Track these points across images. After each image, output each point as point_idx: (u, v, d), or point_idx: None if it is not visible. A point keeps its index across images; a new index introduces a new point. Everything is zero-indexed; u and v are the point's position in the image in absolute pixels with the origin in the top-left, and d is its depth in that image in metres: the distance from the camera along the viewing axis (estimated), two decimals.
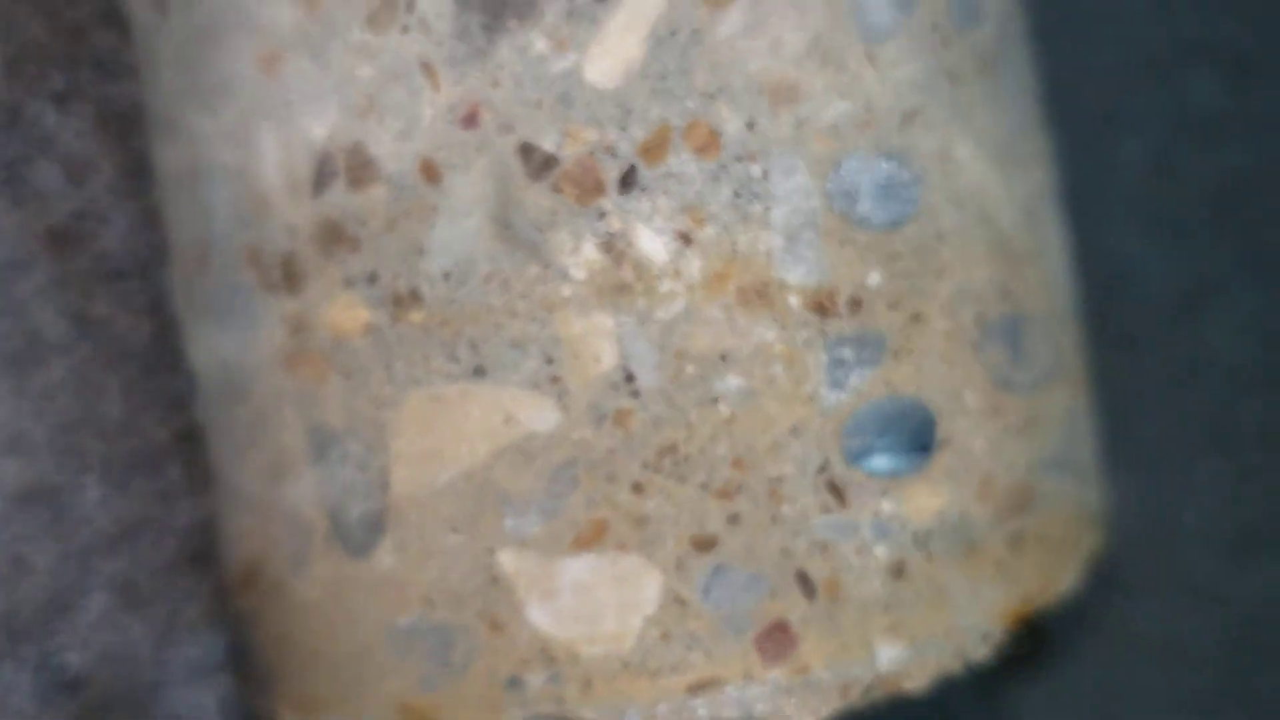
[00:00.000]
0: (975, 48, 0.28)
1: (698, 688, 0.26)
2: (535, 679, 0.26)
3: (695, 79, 0.25)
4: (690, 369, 0.25)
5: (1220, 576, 0.47)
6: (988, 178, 0.28)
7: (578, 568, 0.26)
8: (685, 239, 0.26)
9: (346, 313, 0.27)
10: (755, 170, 0.25)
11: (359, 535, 0.27)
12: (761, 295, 0.26)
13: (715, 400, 0.26)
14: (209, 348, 0.29)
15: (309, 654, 0.28)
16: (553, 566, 0.26)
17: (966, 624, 0.27)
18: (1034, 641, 0.34)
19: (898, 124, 0.26)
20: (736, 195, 0.26)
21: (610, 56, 0.25)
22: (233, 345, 0.29)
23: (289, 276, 0.27)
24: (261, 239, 0.28)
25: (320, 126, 0.26)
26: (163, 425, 0.36)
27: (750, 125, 0.25)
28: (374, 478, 0.27)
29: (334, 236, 0.27)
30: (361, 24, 0.26)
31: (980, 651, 0.27)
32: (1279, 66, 0.45)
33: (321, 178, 0.27)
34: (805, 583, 0.26)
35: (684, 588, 0.26)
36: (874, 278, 0.26)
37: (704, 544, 0.26)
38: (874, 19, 0.26)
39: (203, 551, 0.35)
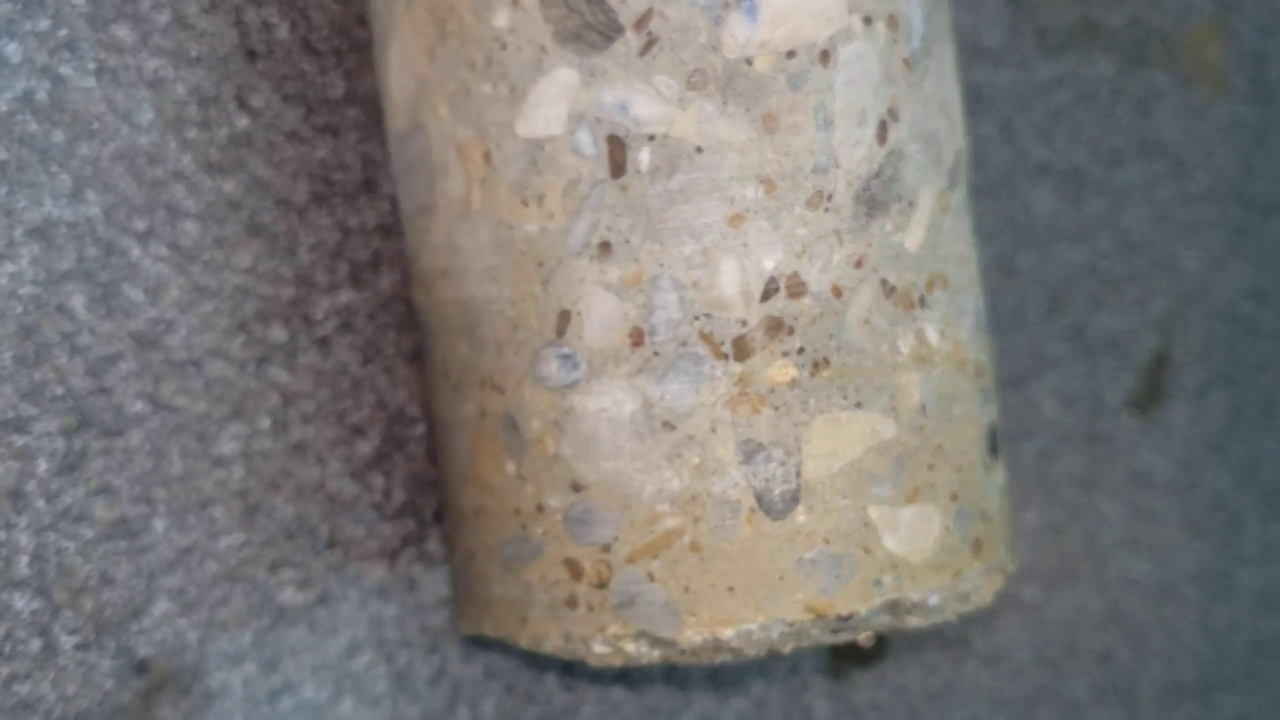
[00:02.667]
0: None
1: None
2: (887, 579, 0.45)
3: None
4: None
5: (1041, 601, 0.65)
6: None
7: (908, 514, 0.46)
8: None
9: (781, 371, 0.44)
10: None
11: (780, 505, 0.44)
12: None
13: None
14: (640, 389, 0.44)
15: (725, 589, 0.44)
16: (896, 513, 0.45)
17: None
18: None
19: None
20: None
21: (915, 228, 0.46)
22: (677, 390, 0.44)
23: (738, 350, 0.44)
24: (713, 326, 0.44)
25: (770, 261, 0.44)
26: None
27: None
28: (790, 470, 0.44)
29: (777, 326, 0.44)
30: (802, 205, 0.44)
31: None
32: (1107, 179, 0.65)
33: (768, 292, 0.44)
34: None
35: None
36: None
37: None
38: None
39: (237, 571, 0.54)
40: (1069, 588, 0.63)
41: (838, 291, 0.45)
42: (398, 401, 0.58)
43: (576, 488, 0.45)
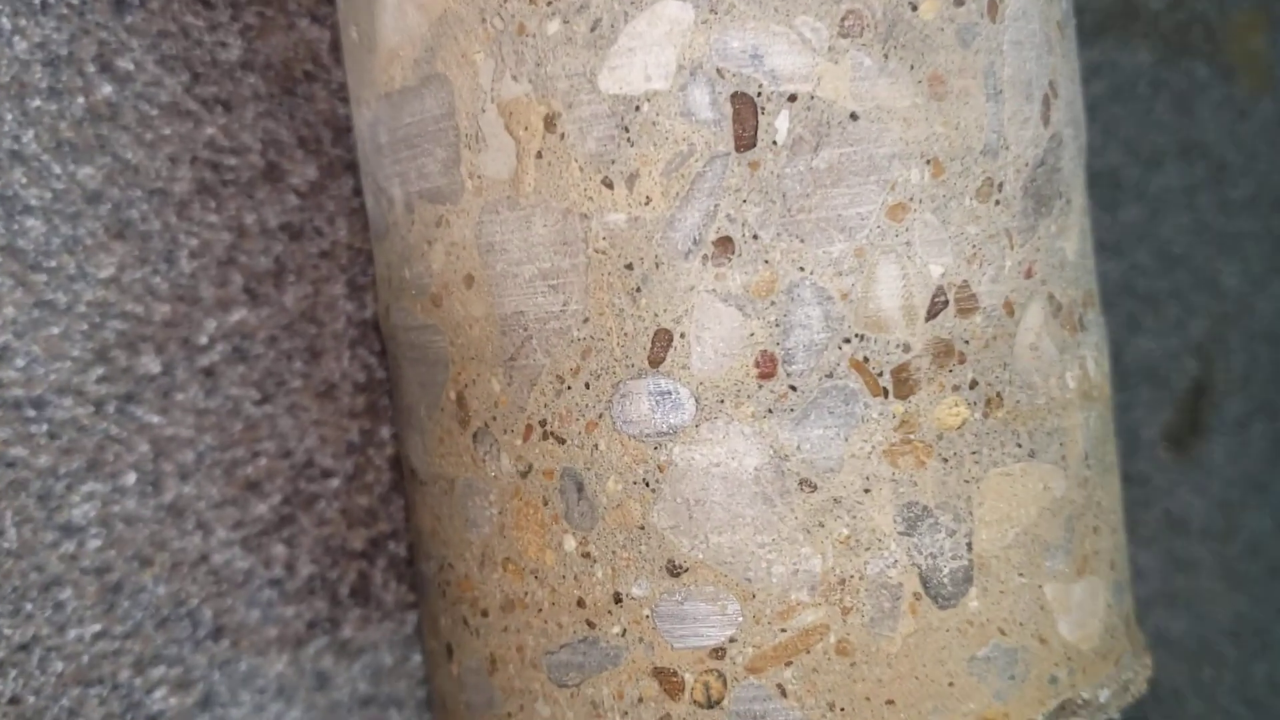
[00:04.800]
0: None
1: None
2: (1062, 674, 0.35)
3: None
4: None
5: None
6: None
7: (1079, 590, 0.36)
8: None
9: (951, 411, 0.33)
10: None
11: (949, 588, 0.33)
12: None
13: None
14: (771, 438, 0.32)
15: (882, 703, 0.33)
16: (1069, 590, 0.36)
17: None
18: None
19: None
20: None
21: (1073, 232, 0.37)
22: (820, 437, 0.32)
23: (900, 383, 0.33)
24: (869, 351, 0.33)
25: (938, 266, 0.33)
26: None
27: None
28: (961, 541, 0.34)
29: (946, 352, 0.33)
30: (972, 195, 0.34)
31: None
32: (1145, 183, 0.58)
33: (935, 307, 0.33)
34: None
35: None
36: None
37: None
38: None
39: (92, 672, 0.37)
40: None
41: (1010, 308, 0.35)
42: (305, 449, 0.45)
43: (675, 570, 0.33)
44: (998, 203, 0.35)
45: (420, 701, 0.49)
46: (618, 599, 0.34)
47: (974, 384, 0.34)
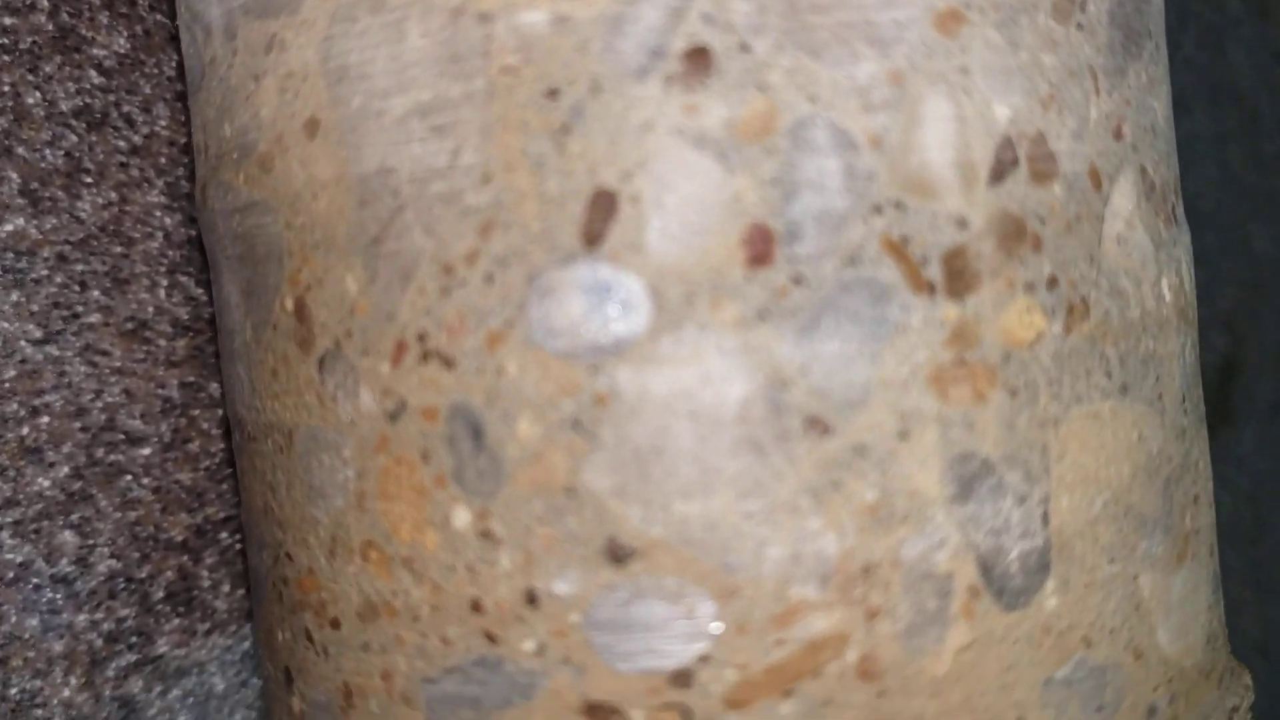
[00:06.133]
0: None
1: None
2: (1162, 702, 0.25)
3: None
4: None
5: None
6: None
7: (1180, 584, 0.26)
8: None
9: (1023, 320, 0.23)
10: None
11: (1019, 580, 0.23)
12: None
13: None
14: (773, 352, 0.21)
15: None
16: (1169, 583, 0.25)
17: None
18: None
19: None
20: None
21: (1161, 87, 0.27)
22: (836, 353, 0.22)
23: (954, 275, 0.22)
24: (909, 227, 0.22)
25: (1005, 106, 0.23)
26: None
27: None
28: (1034, 511, 0.23)
29: (1018, 232, 0.23)
30: (1048, 9, 0.23)
31: None
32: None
33: (1002, 166, 0.23)
34: None
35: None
36: None
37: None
38: None
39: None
40: None
41: (1096, 178, 0.24)
42: (104, 407, 0.33)
43: (619, 555, 0.22)
44: (1080, 26, 0.24)
45: None
46: (532, 599, 0.23)
47: (1053, 282, 0.24)
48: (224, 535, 0.38)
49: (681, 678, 0.22)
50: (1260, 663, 0.49)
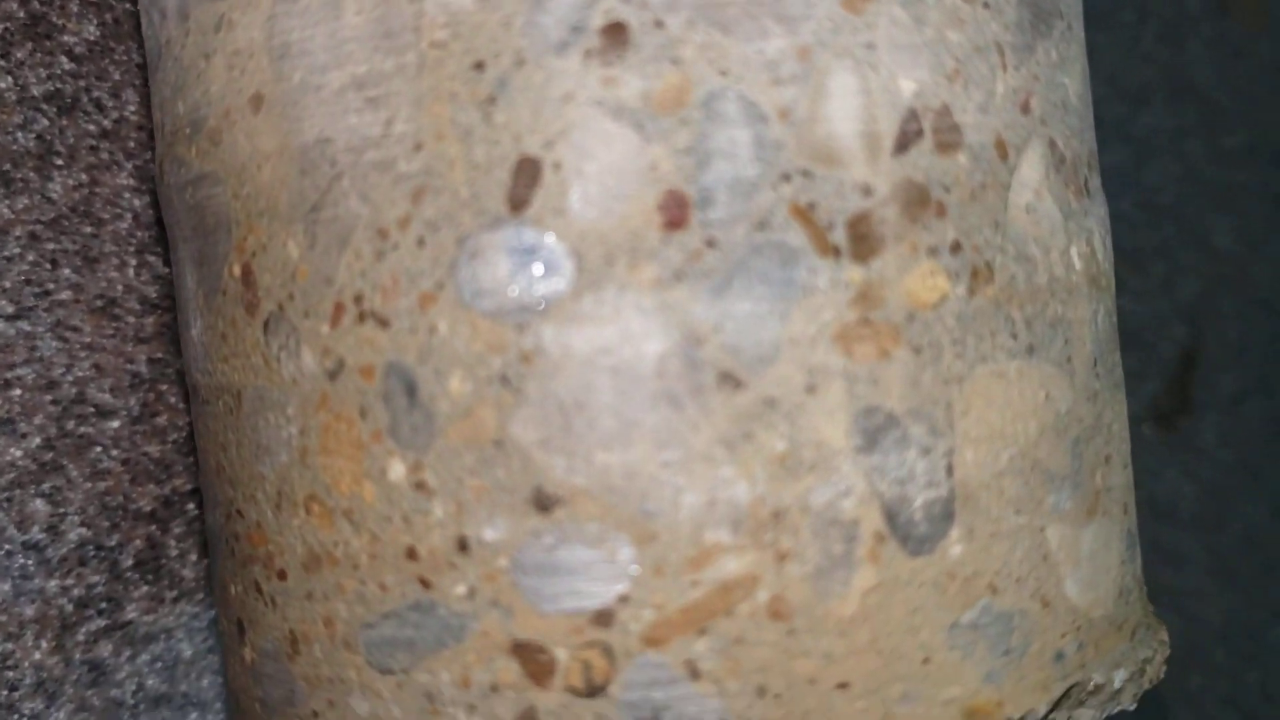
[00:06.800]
0: None
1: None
2: (1069, 648, 0.26)
3: None
4: None
5: None
6: None
7: (1089, 537, 0.27)
8: None
9: (927, 283, 0.24)
10: None
11: (924, 528, 0.24)
12: None
13: None
14: (686, 313, 0.23)
15: (832, 687, 0.23)
16: (1078, 536, 0.27)
17: None
18: None
19: None
20: None
21: (1074, 66, 0.28)
22: (748, 313, 0.23)
23: (858, 240, 0.23)
24: (816, 194, 0.23)
25: (910, 80, 0.24)
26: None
27: None
28: (939, 463, 0.24)
29: (921, 200, 0.24)
30: None
31: None
32: (1130, 123, 0.53)
33: (907, 136, 0.24)
34: None
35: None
36: None
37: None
38: None
39: None
40: None
41: (1003, 149, 0.26)
42: (74, 380, 0.34)
43: (544, 503, 0.24)
44: (986, 5, 0.26)
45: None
46: (463, 546, 0.24)
47: (956, 247, 0.25)
48: (191, 506, 0.39)
49: (603, 617, 0.24)
50: (1222, 653, 0.50)
